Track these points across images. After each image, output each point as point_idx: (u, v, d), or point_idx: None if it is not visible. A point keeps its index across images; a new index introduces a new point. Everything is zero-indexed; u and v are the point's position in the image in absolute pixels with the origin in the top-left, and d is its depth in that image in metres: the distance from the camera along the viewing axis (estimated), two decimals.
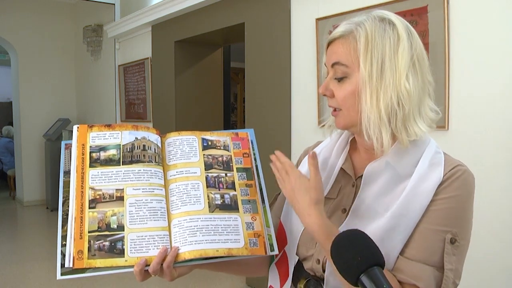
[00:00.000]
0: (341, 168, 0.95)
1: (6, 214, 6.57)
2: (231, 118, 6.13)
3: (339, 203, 0.93)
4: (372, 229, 0.83)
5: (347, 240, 0.69)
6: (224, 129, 4.97)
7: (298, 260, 0.97)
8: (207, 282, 3.72)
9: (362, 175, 0.91)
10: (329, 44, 0.90)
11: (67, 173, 0.91)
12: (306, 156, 0.98)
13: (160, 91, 4.76)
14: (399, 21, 0.86)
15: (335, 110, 0.90)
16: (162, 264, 0.83)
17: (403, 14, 2.27)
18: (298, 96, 3.10)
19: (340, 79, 0.87)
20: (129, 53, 5.38)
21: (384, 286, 0.63)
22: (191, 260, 0.85)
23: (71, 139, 0.93)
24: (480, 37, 2.09)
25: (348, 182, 0.94)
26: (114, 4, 5.54)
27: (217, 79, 4.86)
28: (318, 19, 2.88)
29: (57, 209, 0.88)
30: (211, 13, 3.92)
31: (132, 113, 5.38)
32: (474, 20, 2.11)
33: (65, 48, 6.91)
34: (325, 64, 0.92)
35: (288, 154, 3.12)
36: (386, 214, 0.83)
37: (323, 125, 1.00)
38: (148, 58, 4.93)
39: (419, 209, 0.82)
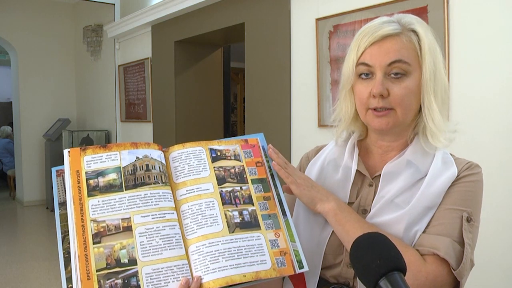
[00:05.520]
0: (357, 170, 0.95)
1: (6, 214, 6.57)
2: (231, 118, 6.12)
3: (358, 205, 0.93)
4: (392, 220, 0.85)
5: (367, 243, 0.65)
6: (225, 129, 4.98)
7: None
8: None
9: (379, 175, 0.92)
10: (372, 43, 0.86)
11: (63, 204, 0.81)
12: (310, 164, 1.02)
13: (160, 91, 4.76)
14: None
15: (377, 110, 0.87)
16: None
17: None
18: (298, 96, 3.10)
19: (398, 77, 0.86)
20: (129, 53, 5.38)
21: None
22: None
23: (63, 163, 0.82)
24: (480, 37, 2.09)
25: (364, 183, 0.95)
26: (114, 4, 5.54)
27: (217, 79, 4.86)
28: (318, 19, 2.88)
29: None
30: (211, 13, 3.92)
31: (132, 113, 5.38)
32: (474, 20, 2.11)
33: (65, 48, 6.91)
34: (362, 64, 0.88)
35: (288, 154, 3.12)
36: (407, 207, 0.86)
37: (324, 125, 1.01)
38: (148, 58, 4.93)
39: (437, 198, 0.86)
